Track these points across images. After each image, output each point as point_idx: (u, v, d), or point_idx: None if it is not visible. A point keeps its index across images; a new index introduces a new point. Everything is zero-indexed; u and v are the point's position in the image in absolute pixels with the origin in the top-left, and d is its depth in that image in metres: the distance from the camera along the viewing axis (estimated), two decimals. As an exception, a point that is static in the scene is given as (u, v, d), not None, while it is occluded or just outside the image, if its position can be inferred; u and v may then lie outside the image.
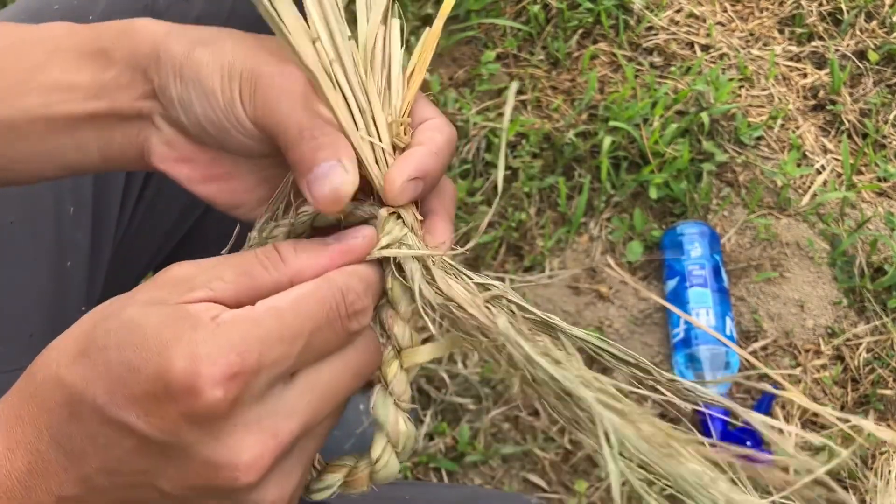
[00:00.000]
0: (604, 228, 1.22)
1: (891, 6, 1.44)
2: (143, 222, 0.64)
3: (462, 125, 1.25)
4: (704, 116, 1.25)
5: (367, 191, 0.40)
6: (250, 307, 0.34)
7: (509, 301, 0.37)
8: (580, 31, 1.38)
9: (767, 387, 0.35)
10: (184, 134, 0.41)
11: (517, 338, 0.34)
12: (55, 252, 0.57)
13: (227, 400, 0.31)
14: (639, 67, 1.35)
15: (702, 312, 1.10)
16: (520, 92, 1.33)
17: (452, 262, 0.39)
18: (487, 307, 0.36)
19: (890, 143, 1.32)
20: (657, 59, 1.37)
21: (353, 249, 0.38)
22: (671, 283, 1.14)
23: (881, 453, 1.05)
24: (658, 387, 0.41)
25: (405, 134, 0.40)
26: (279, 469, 0.34)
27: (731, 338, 1.10)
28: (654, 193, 1.21)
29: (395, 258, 0.38)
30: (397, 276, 0.38)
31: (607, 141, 1.22)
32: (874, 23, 1.43)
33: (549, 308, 1.15)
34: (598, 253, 1.20)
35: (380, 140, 0.39)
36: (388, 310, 0.39)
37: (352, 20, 0.44)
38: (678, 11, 1.43)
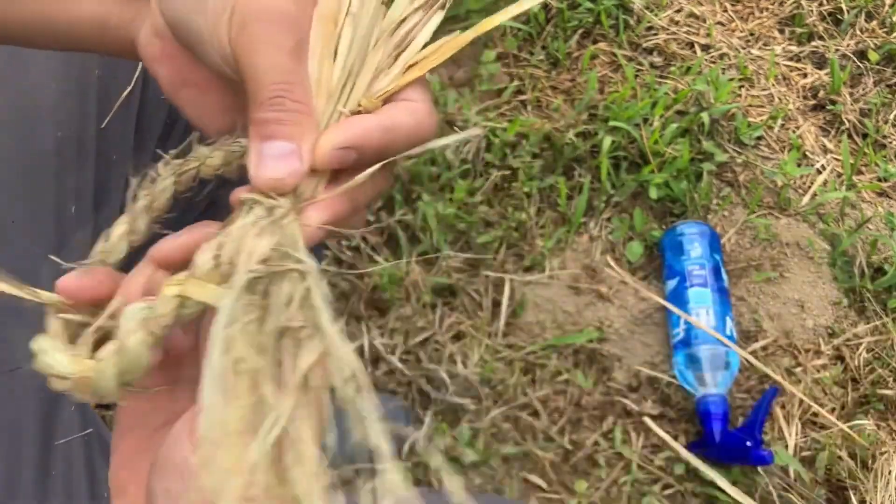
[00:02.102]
0: (604, 228, 1.22)
1: (891, 6, 1.44)
2: None
3: (462, 125, 1.25)
4: (704, 116, 1.25)
5: None
6: None
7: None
8: (580, 31, 1.38)
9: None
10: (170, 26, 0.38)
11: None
12: (56, 251, 0.57)
13: None
14: (639, 67, 1.35)
15: (702, 312, 1.10)
16: (520, 92, 1.33)
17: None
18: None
19: (890, 142, 1.32)
20: (657, 59, 1.37)
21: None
22: (671, 283, 1.14)
23: (881, 453, 1.05)
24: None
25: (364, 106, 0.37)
26: None
27: (731, 338, 1.10)
28: (654, 193, 1.21)
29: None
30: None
31: (607, 141, 1.22)
32: (874, 23, 1.43)
33: (550, 308, 1.15)
34: (598, 253, 1.20)
35: (344, 106, 0.36)
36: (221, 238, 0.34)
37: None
38: (678, 11, 1.43)
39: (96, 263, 0.37)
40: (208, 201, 0.63)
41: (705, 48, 1.39)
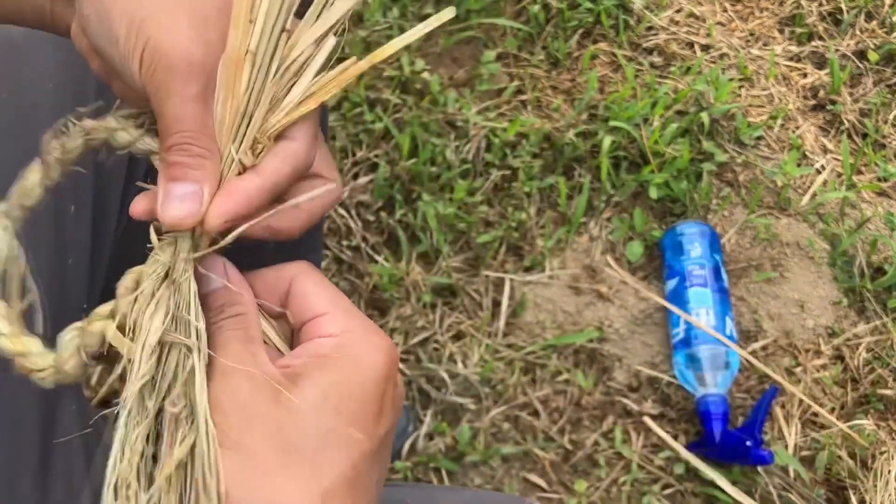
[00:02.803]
0: (604, 228, 1.22)
1: (891, 6, 1.44)
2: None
3: (462, 125, 1.25)
4: (704, 116, 1.25)
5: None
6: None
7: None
8: (580, 31, 1.38)
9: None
10: None
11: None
12: (56, 251, 0.57)
13: None
14: (639, 67, 1.35)
15: (702, 312, 1.10)
16: (520, 92, 1.33)
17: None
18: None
19: (890, 142, 1.32)
20: (657, 59, 1.37)
21: None
22: (671, 283, 1.14)
23: (881, 453, 1.05)
24: None
25: (258, 153, 0.40)
26: None
27: (731, 338, 1.10)
28: (654, 193, 1.21)
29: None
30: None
31: (607, 141, 1.22)
32: (874, 23, 1.43)
33: (550, 308, 1.15)
34: (598, 253, 1.20)
35: (237, 152, 0.39)
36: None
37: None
38: (678, 11, 1.43)
39: (14, 208, 0.40)
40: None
41: (705, 48, 1.39)
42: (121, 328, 0.37)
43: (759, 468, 1.04)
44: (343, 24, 0.41)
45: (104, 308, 0.38)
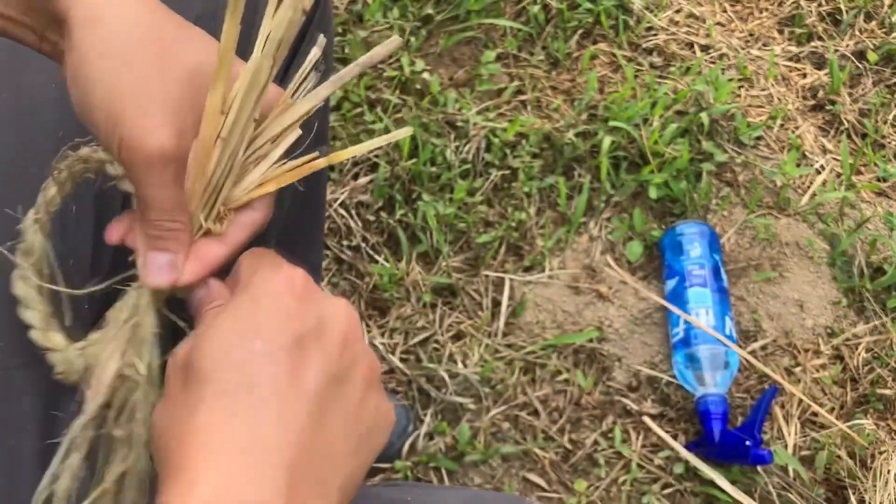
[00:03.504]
0: (604, 228, 1.22)
1: (890, 6, 1.44)
2: None
3: (462, 125, 1.26)
4: (704, 116, 1.25)
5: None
6: None
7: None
8: (580, 31, 1.38)
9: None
10: None
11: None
12: (56, 251, 0.57)
13: (304, 276, 0.42)
14: (638, 67, 1.35)
15: (701, 312, 1.10)
16: (520, 92, 1.33)
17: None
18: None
19: (889, 143, 1.33)
20: (657, 60, 1.37)
21: None
22: (671, 283, 1.14)
23: (880, 453, 1.05)
24: None
25: (222, 223, 0.46)
26: None
27: (730, 337, 1.10)
28: (653, 193, 1.21)
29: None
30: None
31: (607, 141, 1.22)
32: (873, 23, 1.43)
33: (550, 308, 1.15)
34: (597, 253, 1.20)
35: (205, 220, 0.46)
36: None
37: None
38: (678, 12, 1.43)
39: (43, 213, 0.48)
40: None
41: (705, 48, 1.39)
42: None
43: (759, 468, 1.05)
44: (309, 114, 0.46)
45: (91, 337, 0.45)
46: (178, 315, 0.46)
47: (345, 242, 1.19)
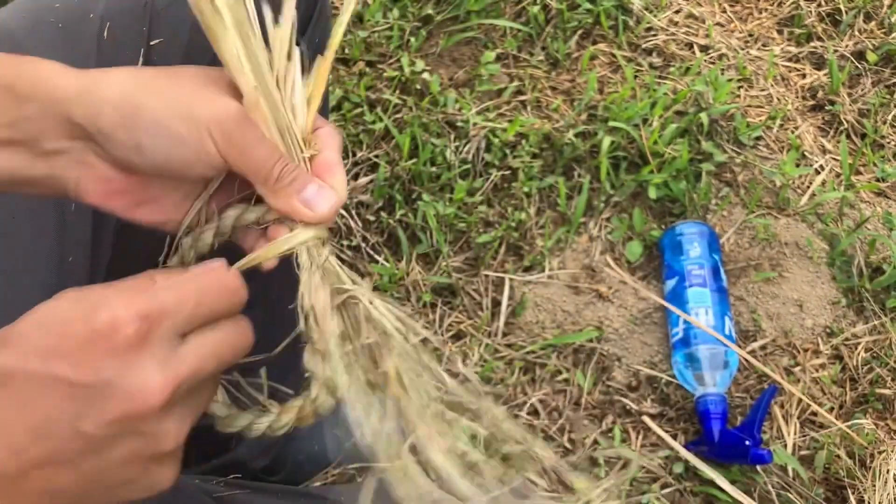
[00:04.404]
0: (603, 228, 1.22)
1: (889, 7, 1.44)
2: None
3: (462, 125, 1.26)
4: (703, 117, 1.25)
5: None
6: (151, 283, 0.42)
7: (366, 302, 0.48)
8: (580, 31, 1.38)
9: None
10: (119, 168, 0.46)
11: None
12: (57, 248, 0.57)
13: (139, 334, 0.39)
14: (638, 68, 1.35)
15: (701, 312, 1.10)
16: (519, 92, 1.33)
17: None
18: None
19: (888, 143, 1.33)
20: (656, 60, 1.37)
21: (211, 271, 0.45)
22: (670, 283, 1.15)
23: (879, 452, 1.05)
24: None
25: (310, 145, 0.49)
26: (178, 405, 0.40)
27: (730, 337, 1.10)
28: (653, 193, 1.22)
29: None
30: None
31: (607, 141, 1.23)
32: (873, 23, 1.44)
33: (549, 308, 1.16)
34: (597, 253, 1.20)
35: (302, 152, 0.49)
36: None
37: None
38: (677, 12, 1.43)
39: (188, 254, 0.50)
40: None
41: (704, 49, 1.39)
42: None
43: (758, 467, 1.05)
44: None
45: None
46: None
47: (345, 242, 1.19)
